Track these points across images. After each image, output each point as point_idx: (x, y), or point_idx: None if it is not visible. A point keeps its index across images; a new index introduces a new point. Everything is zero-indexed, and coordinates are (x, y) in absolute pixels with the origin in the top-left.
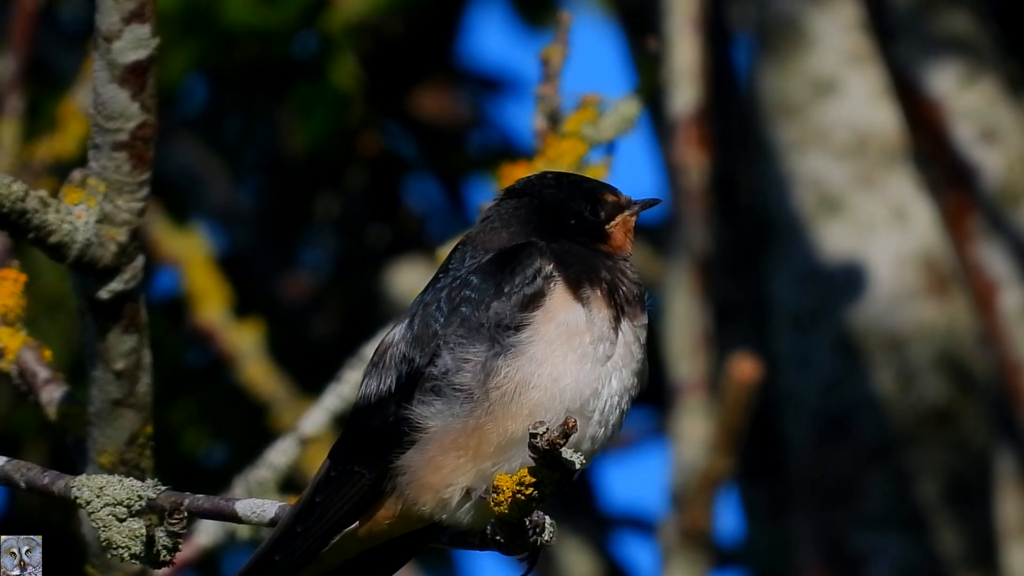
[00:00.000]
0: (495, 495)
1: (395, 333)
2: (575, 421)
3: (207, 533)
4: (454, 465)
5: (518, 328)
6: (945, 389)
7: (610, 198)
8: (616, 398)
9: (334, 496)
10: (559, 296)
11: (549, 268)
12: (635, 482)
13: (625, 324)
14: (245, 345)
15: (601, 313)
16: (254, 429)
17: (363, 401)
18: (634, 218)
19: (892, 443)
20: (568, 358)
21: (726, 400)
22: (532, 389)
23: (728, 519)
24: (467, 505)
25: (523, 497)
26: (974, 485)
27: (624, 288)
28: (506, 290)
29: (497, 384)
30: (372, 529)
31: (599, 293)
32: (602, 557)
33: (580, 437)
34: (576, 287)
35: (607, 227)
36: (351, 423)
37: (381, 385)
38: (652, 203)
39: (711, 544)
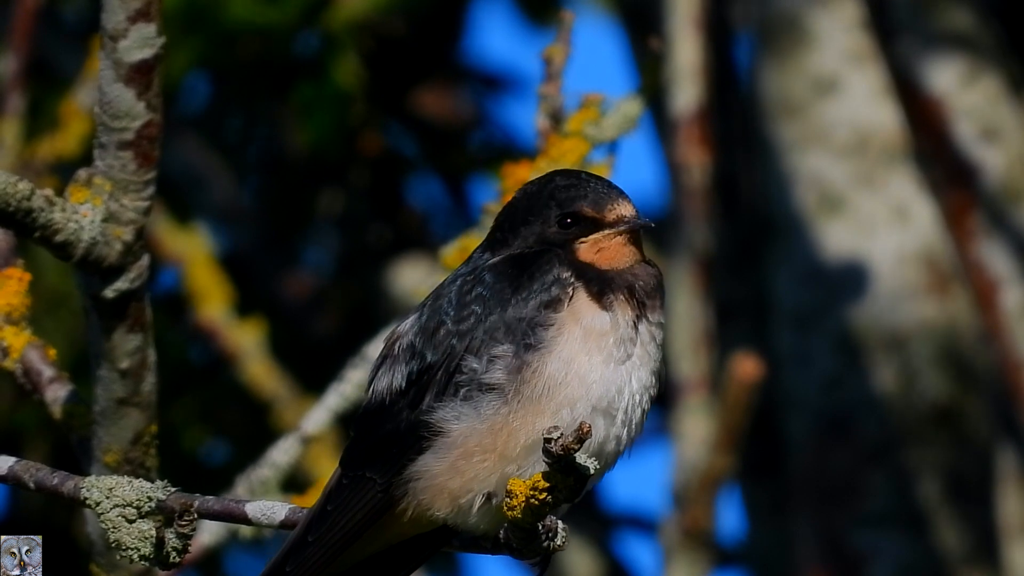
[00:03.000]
0: (508, 500)
1: (405, 324)
2: (589, 426)
3: (210, 532)
4: (477, 470)
5: (543, 326)
6: (946, 387)
7: (588, 212)
8: (638, 397)
9: (345, 504)
10: (582, 299)
11: (567, 275)
12: (637, 481)
13: (643, 325)
14: (247, 344)
15: (626, 315)
16: (256, 428)
17: (374, 402)
18: (616, 237)
19: (893, 442)
20: (593, 358)
21: (727, 399)
22: (560, 385)
23: (729, 518)
24: (483, 510)
25: (536, 502)
26: (975, 483)
27: (640, 284)
28: (523, 296)
29: (526, 379)
30: (382, 533)
31: (621, 296)
32: (604, 556)
33: (605, 437)
34: (599, 292)
35: (576, 243)
36: (361, 425)
37: (392, 384)
38: (642, 226)
39: (712, 543)
